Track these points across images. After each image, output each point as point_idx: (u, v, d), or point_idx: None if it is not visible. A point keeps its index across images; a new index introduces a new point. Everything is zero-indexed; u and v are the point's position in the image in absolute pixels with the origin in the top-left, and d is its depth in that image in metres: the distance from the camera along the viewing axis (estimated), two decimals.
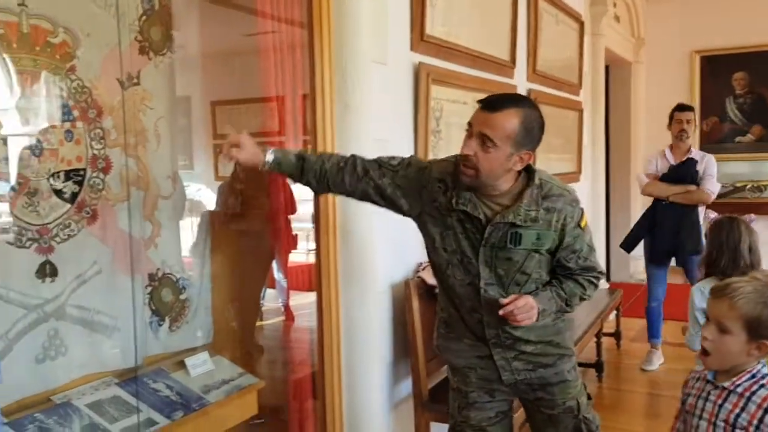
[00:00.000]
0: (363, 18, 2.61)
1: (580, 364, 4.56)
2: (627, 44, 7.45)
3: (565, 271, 2.09)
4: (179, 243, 2.56)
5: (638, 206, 6.70)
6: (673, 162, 4.63)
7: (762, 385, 1.67)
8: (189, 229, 2.81)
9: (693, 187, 4.51)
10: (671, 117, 4.70)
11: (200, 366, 2.51)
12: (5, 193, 1.96)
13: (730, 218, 2.81)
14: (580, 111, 5.69)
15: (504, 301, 1.93)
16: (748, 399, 1.66)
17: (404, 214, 2.14)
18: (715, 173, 4.56)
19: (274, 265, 5.26)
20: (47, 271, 2.05)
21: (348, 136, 2.59)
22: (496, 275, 2.01)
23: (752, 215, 5.58)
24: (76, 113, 2.12)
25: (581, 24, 5.55)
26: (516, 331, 2.06)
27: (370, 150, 2.63)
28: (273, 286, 5.34)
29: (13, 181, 1.97)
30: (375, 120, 2.70)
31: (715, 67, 7.52)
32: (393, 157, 2.14)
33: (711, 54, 7.53)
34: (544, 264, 2.06)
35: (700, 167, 4.54)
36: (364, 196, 2.12)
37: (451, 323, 2.19)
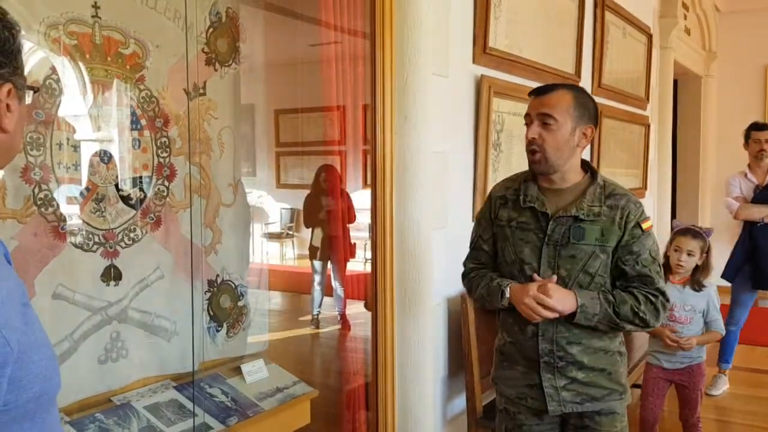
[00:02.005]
0: (425, 31, 2.61)
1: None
2: (697, 57, 7.24)
3: (622, 279, 2.02)
4: (239, 250, 2.59)
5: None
6: (755, 182, 4.55)
7: None
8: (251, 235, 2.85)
9: None
10: (748, 136, 4.60)
11: (256, 373, 2.54)
12: (75, 196, 2.02)
13: None
14: (647, 126, 5.55)
15: (536, 276, 1.95)
16: None
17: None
18: None
19: (331, 273, 5.29)
20: (112, 274, 2.10)
21: (407, 147, 2.59)
22: (558, 278, 1.98)
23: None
24: (143, 122, 2.17)
25: (649, 37, 5.43)
26: (571, 348, 2.02)
27: (428, 162, 2.63)
28: (330, 295, 5.37)
29: (83, 186, 2.04)
30: (435, 132, 2.69)
31: None
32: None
33: None
34: (608, 270, 2.01)
35: None
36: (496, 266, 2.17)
37: (505, 351, 2.17)
